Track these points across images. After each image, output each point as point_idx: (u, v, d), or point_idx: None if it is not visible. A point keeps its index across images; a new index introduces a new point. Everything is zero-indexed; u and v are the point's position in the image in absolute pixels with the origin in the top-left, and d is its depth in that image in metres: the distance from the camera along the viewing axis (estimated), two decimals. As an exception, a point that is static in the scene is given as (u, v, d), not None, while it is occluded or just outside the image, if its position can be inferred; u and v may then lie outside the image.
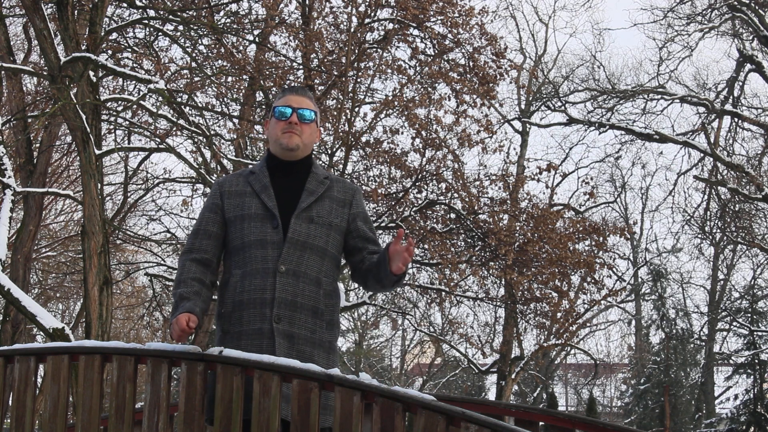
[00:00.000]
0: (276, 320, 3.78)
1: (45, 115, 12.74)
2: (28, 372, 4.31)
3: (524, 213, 16.83)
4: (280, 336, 3.77)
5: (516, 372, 23.28)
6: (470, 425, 3.25)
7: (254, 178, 4.00)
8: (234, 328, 3.83)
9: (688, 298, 38.05)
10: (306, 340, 3.82)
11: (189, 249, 3.96)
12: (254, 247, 3.86)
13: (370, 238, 4.03)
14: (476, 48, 15.41)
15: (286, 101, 4.03)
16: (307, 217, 3.90)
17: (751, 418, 29.20)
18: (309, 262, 3.87)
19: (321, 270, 3.90)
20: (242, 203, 3.93)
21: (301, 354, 3.79)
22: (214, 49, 14.84)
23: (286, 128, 3.97)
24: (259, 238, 3.86)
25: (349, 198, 4.03)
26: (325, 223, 3.93)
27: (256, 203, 3.92)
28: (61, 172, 21.71)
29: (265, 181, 3.97)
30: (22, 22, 17.67)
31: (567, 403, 42.16)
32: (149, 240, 18.80)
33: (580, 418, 5.61)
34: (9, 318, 15.39)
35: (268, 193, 3.93)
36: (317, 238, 3.90)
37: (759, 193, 22.11)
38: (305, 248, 3.87)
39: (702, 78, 35.38)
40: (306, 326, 3.83)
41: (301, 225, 3.88)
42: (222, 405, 3.66)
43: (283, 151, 3.99)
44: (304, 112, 4.00)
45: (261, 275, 3.82)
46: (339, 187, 4.04)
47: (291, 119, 3.97)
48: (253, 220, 3.89)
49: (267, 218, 3.89)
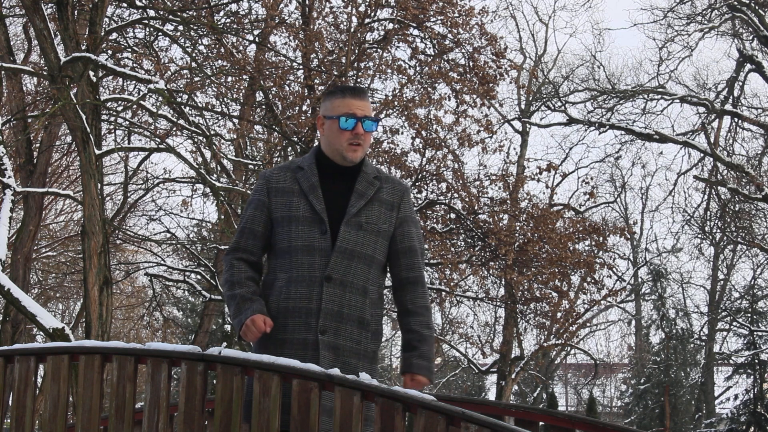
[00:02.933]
0: (321, 331, 3.70)
1: (45, 115, 12.74)
2: (28, 372, 4.31)
3: (524, 213, 16.84)
4: (324, 348, 3.70)
5: (516, 372, 23.27)
6: (470, 425, 3.25)
7: (302, 175, 3.82)
8: (277, 335, 3.74)
9: (688, 298, 38.07)
10: (351, 351, 3.75)
11: (235, 248, 3.86)
12: (301, 253, 3.74)
13: (408, 249, 3.86)
14: (476, 48, 15.41)
15: (349, 106, 3.80)
16: (357, 224, 3.77)
17: (751, 418, 29.18)
18: (356, 271, 3.76)
19: (368, 279, 3.79)
20: (290, 203, 3.79)
21: (346, 365, 3.71)
22: (214, 49, 14.84)
23: (352, 140, 3.77)
24: (307, 244, 3.74)
25: (398, 200, 3.87)
26: (374, 230, 3.79)
27: (304, 204, 3.77)
28: (61, 172, 21.71)
29: (314, 181, 3.80)
30: (22, 22, 17.66)
31: (567, 403, 42.16)
32: (149, 240, 18.78)
33: (580, 418, 5.61)
34: (9, 318, 15.39)
35: (316, 194, 3.78)
36: (365, 246, 3.77)
37: (759, 193, 22.11)
38: (353, 257, 3.75)
39: (702, 78, 35.32)
40: (351, 337, 3.75)
41: (350, 233, 3.75)
42: (222, 405, 3.66)
43: (344, 161, 3.82)
44: (369, 122, 3.80)
45: (307, 283, 3.72)
46: (388, 188, 3.87)
47: (357, 131, 3.78)
48: (300, 223, 3.76)
49: (315, 222, 3.75)
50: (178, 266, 20.30)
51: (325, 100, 3.91)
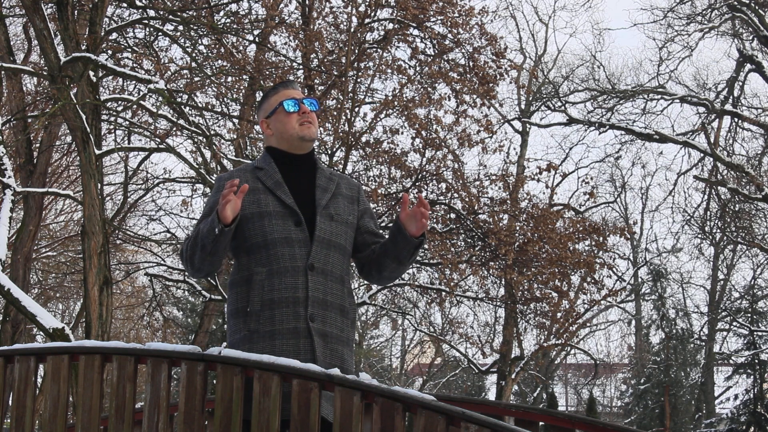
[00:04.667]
0: (311, 319, 3.75)
1: (45, 115, 12.74)
2: (28, 372, 4.31)
3: (524, 213, 16.84)
4: (317, 335, 3.74)
5: (516, 372, 23.27)
6: (470, 425, 3.25)
7: (263, 174, 3.90)
8: (265, 327, 3.75)
9: (688, 298, 38.06)
10: (337, 338, 3.81)
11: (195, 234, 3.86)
12: (279, 245, 3.79)
13: (378, 233, 4.00)
14: (476, 48, 15.41)
15: (287, 95, 3.95)
16: (328, 215, 3.86)
17: (751, 418, 29.19)
18: (334, 261, 3.84)
19: (343, 268, 3.88)
20: (257, 200, 3.84)
21: (334, 352, 3.77)
22: (214, 49, 14.85)
23: (302, 119, 3.90)
24: (285, 236, 3.80)
25: (356, 194, 4.00)
26: (343, 221, 3.89)
27: (272, 200, 3.84)
28: (61, 172, 21.72)
29: (277, 178, 3.88)
30: (22, 22, 17.68)
31: (567, 403, 42.15)
32: (149, 240, 18.80)
33: (580, 418, 5.61)
34: (9, 318, 15.40)
35: (283, 189, 3.86)
36: (339, 236, 3.87)
37: (759, 193, 22.11)
38: (330, 246, 3.84)
39: (702, 78, 35.36)
40: (336, 325, 3.81)
41: (325, 223, 3.84)
42: (222, 405, 3.66)
43: (302, 143, 3.92)
44: (309, 100, 3.94)
45: (291, 274, 3.76)
46: (345, 184, 4.00)
47: (303, 109, 3.90)
48: (273, 217, 3.81)
49: (288, 215, 3.82)
50: (178, 266, 20.29)
51: (261, 105, 4.03)
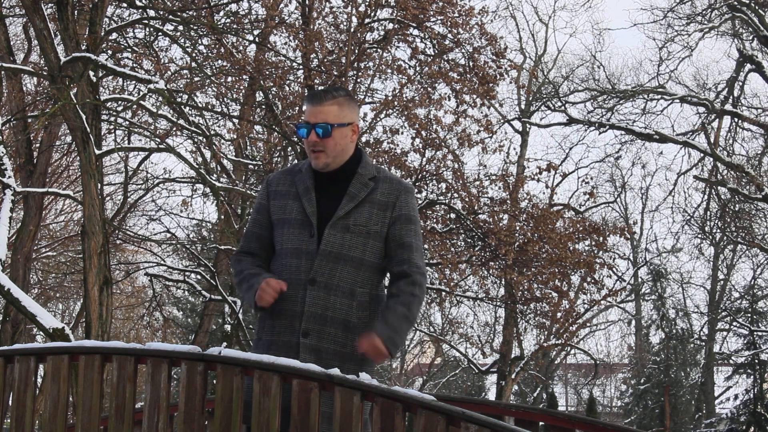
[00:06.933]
0: (304, 334, 3.73)
1: (45, 115, 12.74)
2: (28, 372, 4.30)
3: (524, 213, 16.84)
4: (305, 351, 3.72)
5: (516, 372, 23.27)
6: (470, 425, 3.25)
7: (299, 178, 3.86)
8: (266, 335, 3.81)
9: (688, 298, 38.06)
10: (334, 354, 3.74)
11: (239, 251, 3.96)
12: (290, 256, 3.79)
13: (401, 243, 3.82)
14: (476, 48, 15.41)
15: (307, 115, 3.83)
16: (343, 226, 3.77)
17: (751, 418, 29.19)
18: (342, 274, 3.75)
19: (356, 281, 3.77)
20: (285, 206, 3.83)
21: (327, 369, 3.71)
22: (214, 49, 14.85)
23: (312, 147, 3.80)
24: (296, 247, 3.78)
25: (393, 200, 3.82)
26: (362, 231, 3.77)
27: (297, 207, 3.81)
28: (61, 172, 21.72)
29: (309, 183, 3.83)
30: (22, 22, 17.66)
31: (567, 403, 42.15)
32: (149, 240, 18.78)
33: (580, 418, 5.62)
34: (9, 318, 15.39)
35: (309, 197, 3.81)
36: (352, 248, 3.76)
37: (759, 193, 22.11)
38: (339, 260, 3.75)
39: (702, 78, 35.30)
40: (336, 340, 3.75)
41: (335, 235, 3.76)
42: (222, 405, 3.66)
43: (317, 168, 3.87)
44: (319, 128, 3.77)
45: (293, 286, 3.74)
46: (384, 188, 3.84)
47: (311, 138, 3.79)
48: (292, 225, 3.80)
49: (305, 225, 3.79)
50: (178, 266, 20.31)
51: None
